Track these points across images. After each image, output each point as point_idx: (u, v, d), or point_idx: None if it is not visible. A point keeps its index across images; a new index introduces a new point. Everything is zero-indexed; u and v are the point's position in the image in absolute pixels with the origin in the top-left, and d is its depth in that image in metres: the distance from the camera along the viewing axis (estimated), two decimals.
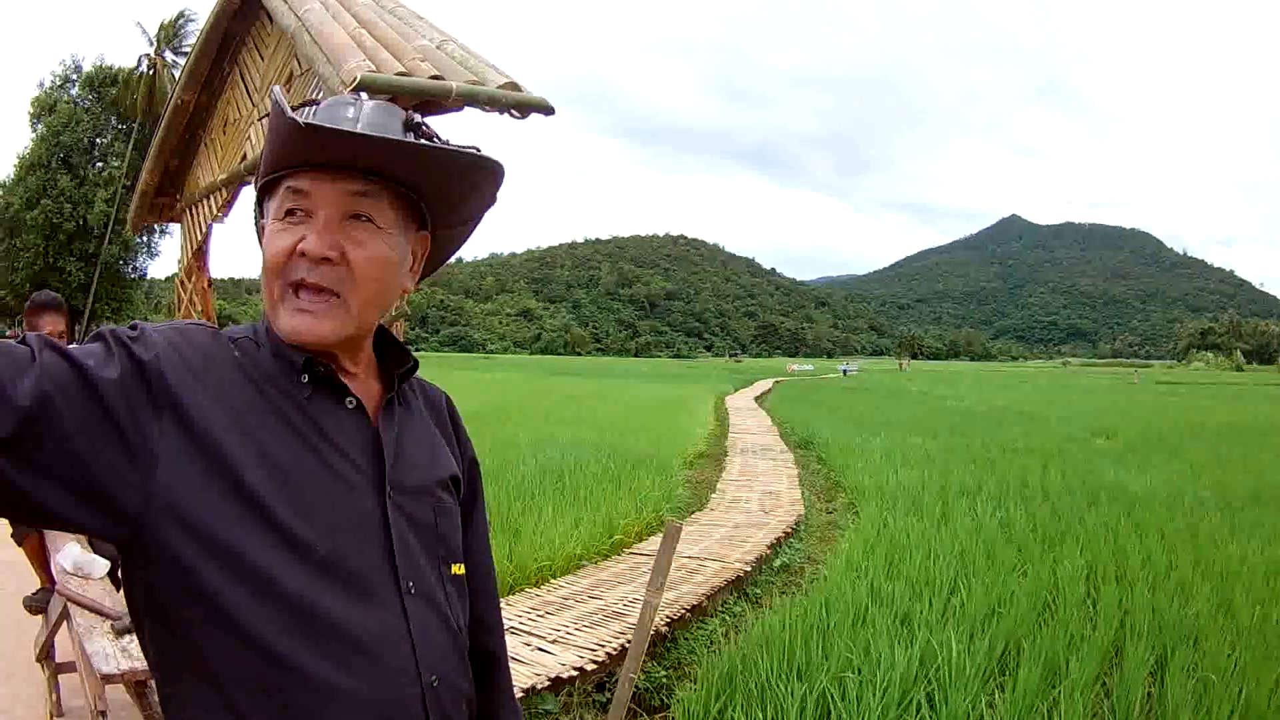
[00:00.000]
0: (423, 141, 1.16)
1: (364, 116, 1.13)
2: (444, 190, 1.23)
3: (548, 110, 4.24)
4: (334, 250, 1.14)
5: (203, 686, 1.05)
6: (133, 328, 1.08)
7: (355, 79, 4.19)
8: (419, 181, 1.21)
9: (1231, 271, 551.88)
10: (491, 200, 1.29)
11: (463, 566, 1.31)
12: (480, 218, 1.34)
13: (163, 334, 1.09)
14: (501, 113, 4.22)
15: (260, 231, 1.25)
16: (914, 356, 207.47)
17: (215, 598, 1.03)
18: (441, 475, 1.31)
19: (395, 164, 1.16)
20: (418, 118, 1.19)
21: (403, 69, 4.41)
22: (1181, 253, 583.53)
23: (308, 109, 1.15)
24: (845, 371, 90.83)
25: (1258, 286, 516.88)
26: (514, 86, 4.24)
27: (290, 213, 1.16)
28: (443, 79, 4.31)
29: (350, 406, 1.20)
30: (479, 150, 1.19)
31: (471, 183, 1.25)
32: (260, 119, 6.50)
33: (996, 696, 4.51)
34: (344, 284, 1.16)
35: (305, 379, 1.16)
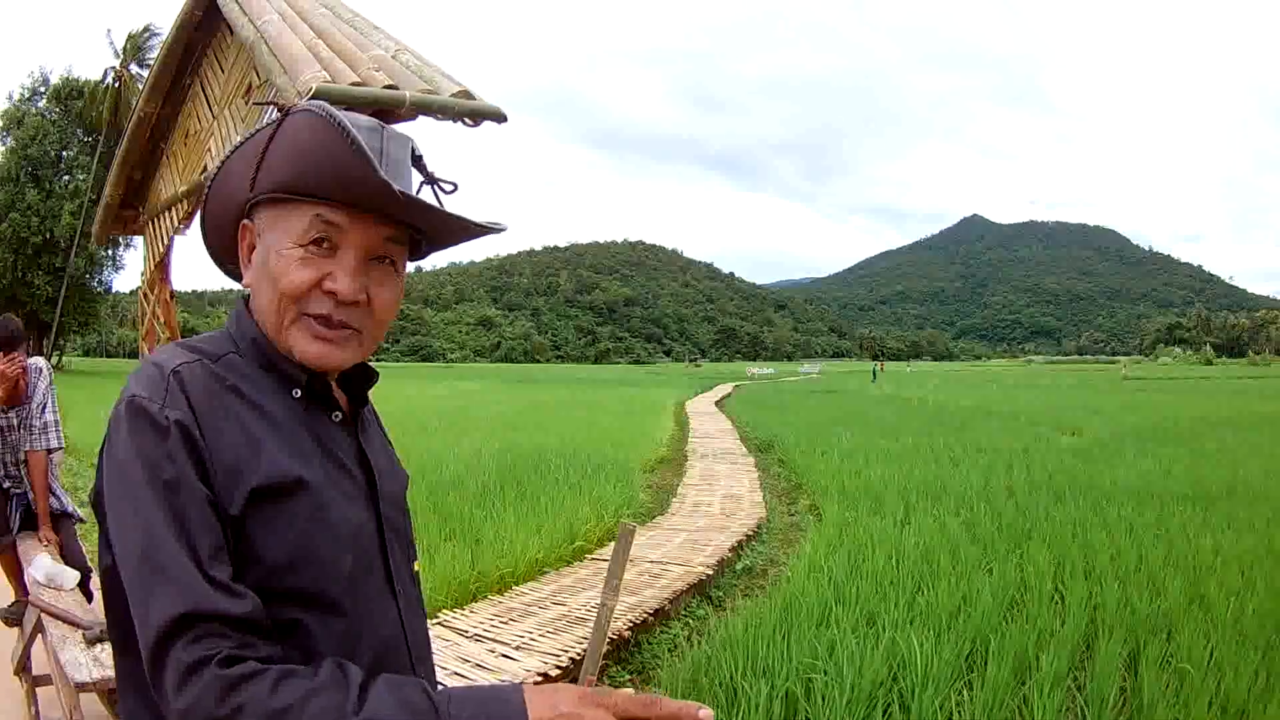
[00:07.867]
0: (472, 219, 1.19)
1: (388, 149, 1.15)
2: (449, 243, 1.30)
3: (500, 118, 4.27)
4: (364, 294, 1.17)
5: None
6: (150, 422, 1.05)
7: (311, 90, 4.21)
8: (442, 237, 1.26)
9: (1199, 267, 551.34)
10: None
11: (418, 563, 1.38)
12: None
13: (172, 403, 1.07)
14: (455, 120, 4.25)
15: (202, 232, 1.30)
16: (876, 357, 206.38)
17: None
18: (404, 480, 1.38)
19: (439, 227, 1.22)
20: (419, 151, 1.22)
21: (358, 79, 4.43)
22: (1147, 249, 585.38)
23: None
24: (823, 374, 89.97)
25: (1226, 280, 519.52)
26: (467, 95, 4.27)
27: (316, 242, 1.15)
28: (397, 88, 4.34)
29: (336, 420, 1.23)
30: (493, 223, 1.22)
31: (471, 239, 1.29)
32: (241, 126, 6.47)
33: (965, 694, 4.50)
34: (364, 323, 1.19)
35: (297, 393, 1.19)
